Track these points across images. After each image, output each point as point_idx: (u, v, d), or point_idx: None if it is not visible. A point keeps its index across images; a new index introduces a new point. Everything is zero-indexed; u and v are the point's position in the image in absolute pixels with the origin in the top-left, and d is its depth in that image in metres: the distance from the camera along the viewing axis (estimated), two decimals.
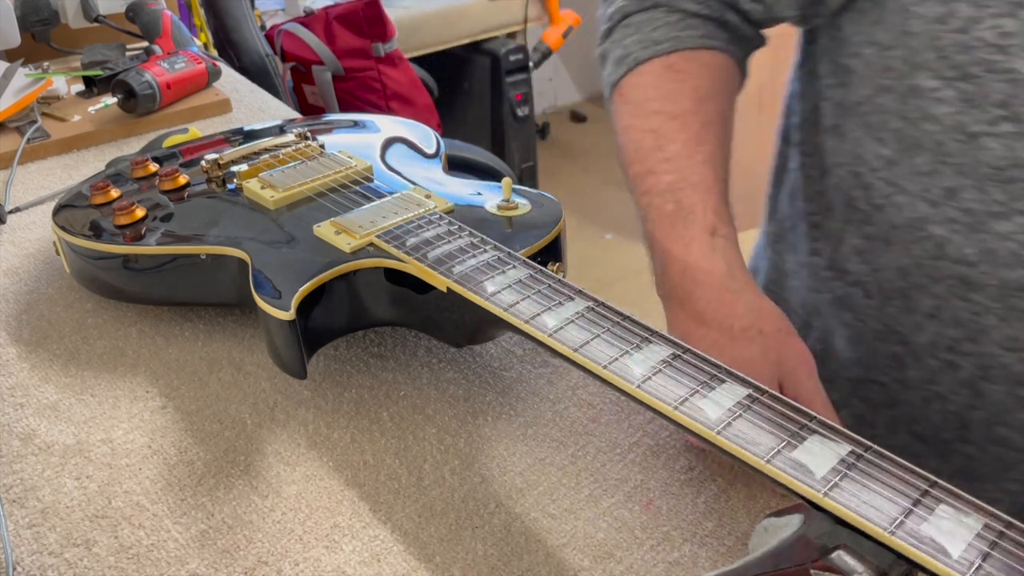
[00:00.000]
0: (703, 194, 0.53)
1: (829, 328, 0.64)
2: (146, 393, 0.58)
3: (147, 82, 0.96)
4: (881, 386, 0.62)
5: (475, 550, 0.47)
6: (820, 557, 0.33)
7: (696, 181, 0.53)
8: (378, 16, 2.13)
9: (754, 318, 0.49)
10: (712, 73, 0.58)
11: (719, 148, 0.56)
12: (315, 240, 0.57)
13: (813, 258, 0.64)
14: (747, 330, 0.49)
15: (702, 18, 0.58)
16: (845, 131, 0.57)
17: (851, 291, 0.61)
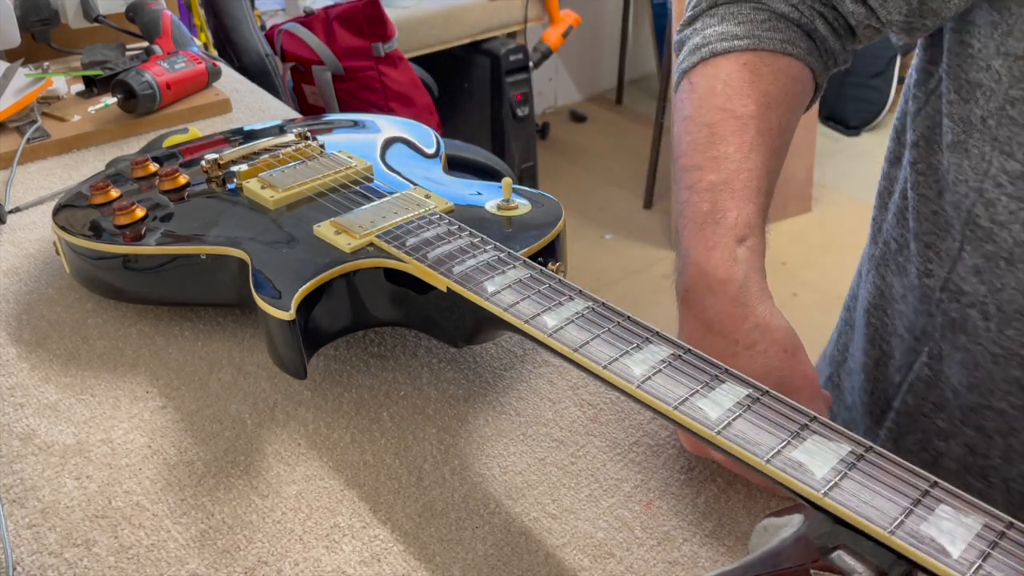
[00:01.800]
0: (741, 201, 0.52)
1: (940, 353, 0.61)
2: (146, 393, 0.58)
3: (147, 82, 0.96)
4: (998, 413, 0.58)
5: (475, 550, 0.47)
6: (820, 557, 0.33)
7: (738, 187, 0.52)
8: (378, 16, 2.13)
9: (760, 335, 0.49)
10: (785, 81, 0.56)
11: (771, 159, 0.54)
12: (315, 240, 0.57)
13: (925, 280, 0.61)
14: (751, 347, 0.48)
15: (790, 21, 0.56)
16: (969, 147, 0.54)
17: (968, 312, 0.58)
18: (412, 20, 2.38)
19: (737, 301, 0.49)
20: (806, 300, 2.27)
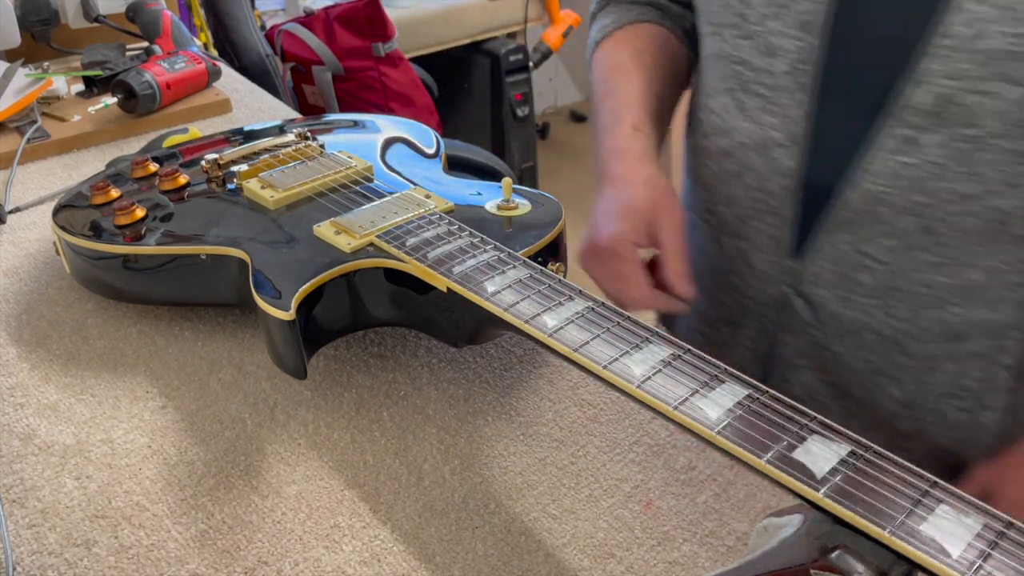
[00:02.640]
0: (630, 108, 0.71)
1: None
2: (146, 393, 0.58)
3: (147, 82, 0.96)
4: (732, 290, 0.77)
5: (475, 550, 0.47)
6: (820, 557, 0.33)
7: (628, 101, 0.71)
8: (378, 16, 2.13)
9: (648, 175, 0.66)
10: (647, 36, 0.76)
11: (652, 83, 0.73)
12: (315, 240, 0.57)
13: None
14: (637, 184, 0.66)
15: (641, 3, 0.78)
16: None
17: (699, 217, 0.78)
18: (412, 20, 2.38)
19: (636, 161, 0.67)
20: None
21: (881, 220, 0.63)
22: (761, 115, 0.65)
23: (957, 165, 0.58)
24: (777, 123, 0.65)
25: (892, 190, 0.61)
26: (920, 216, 0.61)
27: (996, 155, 0.57)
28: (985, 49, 0.55)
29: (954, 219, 0.60)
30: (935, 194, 0.60)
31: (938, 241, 0.62)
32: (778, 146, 0.65)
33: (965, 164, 0.58)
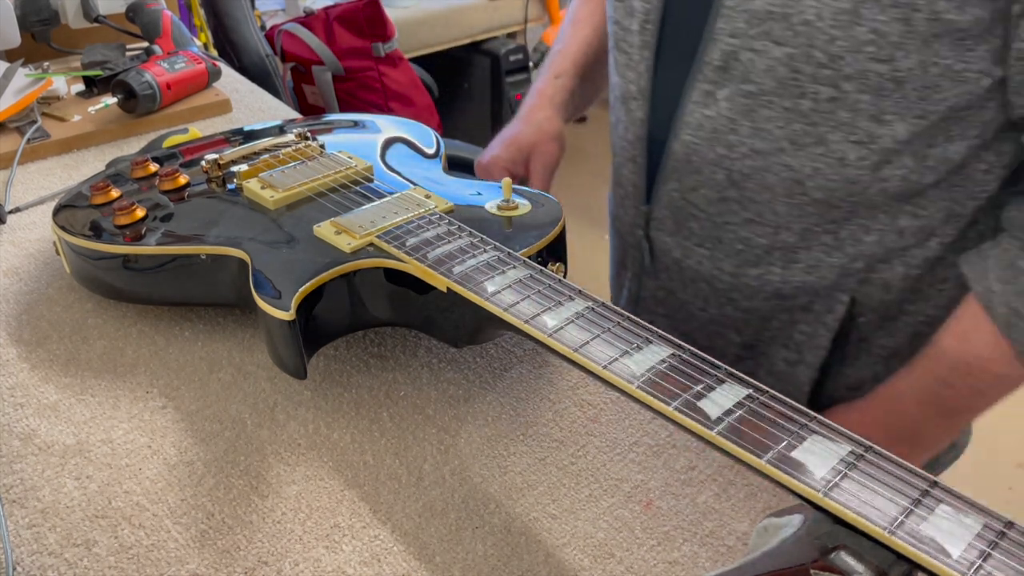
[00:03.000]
0: (564, 57, 0.85)
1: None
2: (146, 393, 0.58)
3: (147, 82, 0.96)
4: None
5: (475, 550, 0.47)
6: (820, 557, 0.33)
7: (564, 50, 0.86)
8: (378, 16, 2.13)
9: (543, 118, 0.80)
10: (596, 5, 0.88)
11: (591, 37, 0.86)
12: (315, 240, 0.57)
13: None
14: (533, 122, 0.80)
15: None
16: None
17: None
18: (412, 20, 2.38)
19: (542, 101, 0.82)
20: None
21: (698, 170, 0.69)
22: (625, 70, 0.73)
23: (744, 119, 0.64)
24: (633, 77, 0.72)
25: (700, 141, 0.67)
26: (727, 169, 0.67)
27: (775, 112, 0.62)
28: (752, 9, 0.60)
29: (755, 175, 0.66)
30: (734, 147, 0.65)
31: (745, 195, 0.67)
32: (632, 99, 0.73)
33: (750, 119, 0.63)
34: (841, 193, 0.64)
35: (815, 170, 0.63)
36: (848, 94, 0.59)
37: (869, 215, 0.66)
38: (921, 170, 0.63)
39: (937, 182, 0.64)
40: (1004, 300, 0.59)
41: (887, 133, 0.60)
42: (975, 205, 0.66)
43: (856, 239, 0.66)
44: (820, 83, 0.59)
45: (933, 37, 0.56)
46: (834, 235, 0.66)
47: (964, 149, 0.62)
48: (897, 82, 0.58)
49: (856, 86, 0.59)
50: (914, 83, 0.58)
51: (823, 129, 0.61)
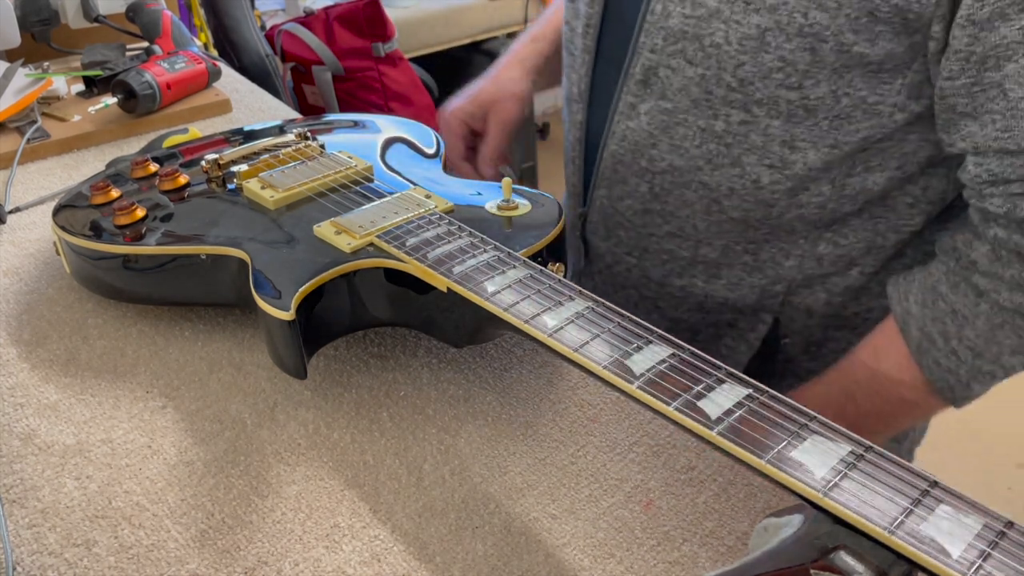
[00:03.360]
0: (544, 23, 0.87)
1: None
2: (146, 393, 0.58)
3: (147, 82, 0.96)
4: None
5: (475, 550, 0.47)
6: (820, 557, 0.33)
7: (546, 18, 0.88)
8: (378, 16, 2.13)
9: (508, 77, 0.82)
10: None
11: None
12: (315, 240, 0.57)
13: None
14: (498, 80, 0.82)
15: None
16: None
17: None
18: (412, 20, 2.38)
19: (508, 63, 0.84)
20: None
21: (624, 180, 0.69)
22: (570, 71, 0.74)
23: (663, 135, 0.64)
24: (575, 79, 0.73)
25: (625, 152, 0.68)
26: (649, 183, 0.68)
27: (691, 131, 0.62)
28: (668, 27, 0.60)
29: (675, 190, 0.66)
30: (654, 161, 0.66)
31: (667, 209, 0.68)
32: (574, 101, 0.74)
33: (668, 135, 0.64)
34: (758, 215, 0.64)
35: (731, 190, 0.64)
36: (759, 119, 0.59)
37: (788, 239, 0.66)
38: (839, 199, 0.63)
39: (857, 211, 0.64)
40: (920, 324, 0.59)
41: (800, 159, 0.60)
42: (898, 238, 0.66)
43: (776, 262, 0.67)
44: (731, 106, 0.60)
45: (844, 68, 0.56)
46: (754, 256, 0.67)
47: (884, 181, 0.62)
48: (808, 110, 0.58)
49: (767, 111, 0.59)
50: (825, 112, 0.58)
51: (737, 151, 0.62)
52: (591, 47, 0.69)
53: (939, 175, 0.63)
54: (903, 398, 0.60)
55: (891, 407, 0.61)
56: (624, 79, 0.65)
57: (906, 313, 0.60)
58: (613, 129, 0.68)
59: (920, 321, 0.59)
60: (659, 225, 0.69)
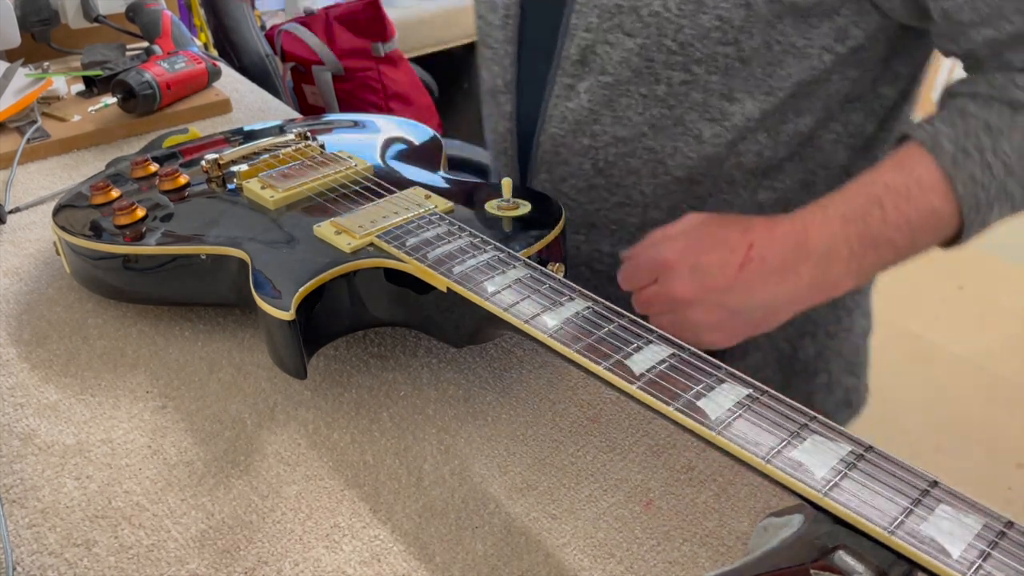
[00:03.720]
0: None
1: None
2: (146, 393, 0.58)
3: (147, 82, 0.96)
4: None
5: (475, 550, 0.47)
6: (820, 557, 0.33)
7: None
8: (378, 16, 2.13)
9: None
10: None
11: None
12: (315, 240, 0.57)
13: None
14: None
15: None
16: None
17: None
18: (412, 20, 2.38)
19: None
20: None
21: (565, 161, 0.70)
22: (491, 64, 0.74)
23: (605, 109, 0.66)
24: (499, 71, 0.73)
25: (565, 133, 0.69)
26: (592, 159, 0.69)
27: (634, 100, 0.65)
28: (602, 4, 0.62)
29: (620, 161, 0.68)
30: (598, 137, 0.68)
31: (613, 181, 0.70)
32: (500, 92, 0.74)
33: (610, 109, 0.66)
34: (701, 169, 0.67)
35: (675, 149, 0.67)
36: (699, 76, 0.63)
37: (730, 191, 0.69)
38: (775, 145, 0.66)
39: (791, 155, 0.68)
40: (952, 138, 0.58)
41: (738, 110, 0.64)
42: (827, 174, 0.70)
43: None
44: (672, 69, 0.63)
45: (776, 18, 0.59)
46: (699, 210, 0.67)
47: (812, 122, 0.66)
48: (743, 61, 0.61)
49: (706, 68, 0.62)
50: (759, 61, 0.61)
51: (679, 111, 0.65)
52: (513, 37, 0.70)
53: (856, 110, 0.67)
54: (933, 208, 0.57)
55: (920, 216, 0.57)
56: (558, 62, 0.66)
57: (936, 133, 0.58)
58: (550, 113, 0.69)
59: (952, 136, 0.57)
60: (605, 199, 0.71)
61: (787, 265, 0.56)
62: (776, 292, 0.56)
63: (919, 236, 0.58)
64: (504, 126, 0.76)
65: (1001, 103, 0.58)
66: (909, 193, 0.57)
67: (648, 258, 0.58)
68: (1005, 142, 0.57)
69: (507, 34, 0.71)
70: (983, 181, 0.56)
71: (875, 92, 0.66)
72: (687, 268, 0.56)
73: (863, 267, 0.58)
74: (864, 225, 0.57)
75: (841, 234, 0.57)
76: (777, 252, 0.56)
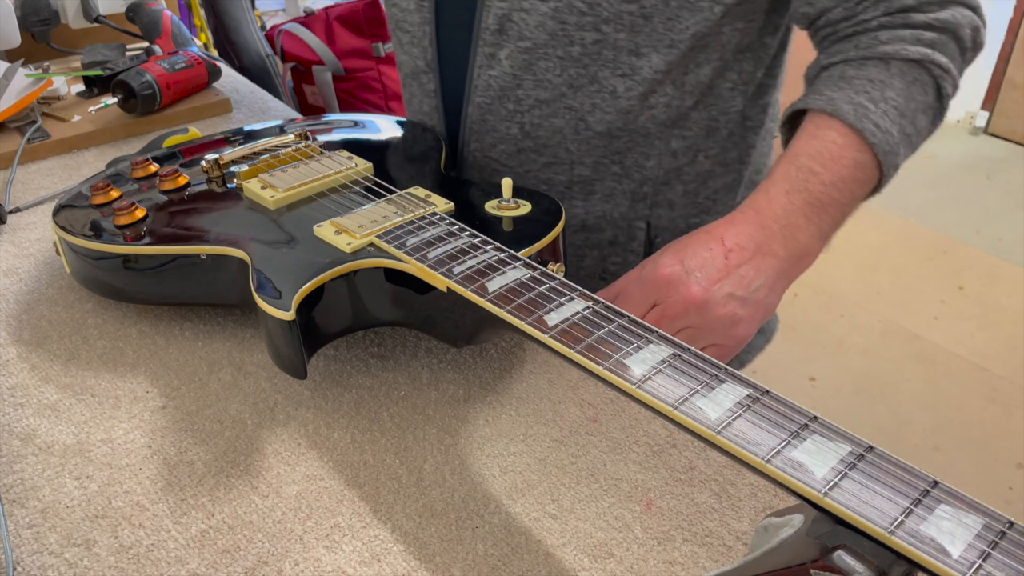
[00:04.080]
0: None
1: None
2: (146, 393, 0.58)
3: (147, 82, 0.96)
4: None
5: (475, 550, 0.47)
6: (820, 557, 0.33)
7: None
8: (378, 16, 2.13)
9: None
10: None
11: None
12: (315, 240, 0.57)
13: None
14: None
15: None
16: None
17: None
18: None
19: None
20: (806, 300, 2.27)
21: (493, 128, 0.75)
22: (410, 48, 0.78)
23: (526, 74, 0.71)
24: (419, 53, 0.77)
25: (491, 101, 0.74)
26: (519, 123, 0.74)
27: (551, 62, 0.70)
28: None
29: (544, 122, 0.74)
30: (521, 101, 0.73)
31: (540, 142, 0.75)
32: (423, 72, 0.78)
33: (531, 73, 0.71)
34: (619, 124, 0.74)
35: (594, 106, 0.73)
36: (608, 35, 0.69)
37: (646, 142, 0.76)
38: (681, 95, 0.73)
39: (695, 104, 0.75)
40: (847, 98, 0.64)
41: (646, 64, 0.70)
42: (727, 119, 0.78)
43: (640, 165, 0.77)
44: (584, 30, 0.68)
45: None
46: (620, 164, 0.77)
47: (711, 72, 0.73)
48: (645, 17, 0.68)
49: (614, 27, 0.68)
50: (659, 16, 0.68)
51: (593, 69, 0.71)
52: (429, 18, 0.75)
53: (747, 59, 0.75)
54: (857, 161, 0.63)
55: (850, 171, 0.63)
56: (477, 33, 0.72)
57: (829, 99, 0.64)
58: (475, 83, 0.74)
59: (845, 98, 0.64)
60: (534, 160, 0.77)
61: (760, 246, 0.60)
62: (764, 270, 0.60)
63: (854, 190, 0.64)
64: (430, 104, 0.79)
65: (874, 60, 0.65)
66: (832, 154, 0.63)
67: (640, 285, 0.60)
68: (890, 90, 0.64)
69: (423, 16, 0.75)
70: (885, 127, 0.63)
71: (761, 41, 0.74)
72: (684, 274, 0.58)
73: (823, 229, 0.63)
74: (808, 193, 0.62)
75: (791, 206, 0.61)
76: (745, 237, 0.60)
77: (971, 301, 2.31)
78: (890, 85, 0.64)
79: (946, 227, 2.64)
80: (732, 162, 0.81)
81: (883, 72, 0.64)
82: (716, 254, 0.59)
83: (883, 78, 0.64)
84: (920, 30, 0.65)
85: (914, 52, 0.64)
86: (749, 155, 0.82)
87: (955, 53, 0.66)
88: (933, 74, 0.65)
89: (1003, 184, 2.92)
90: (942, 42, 0.65)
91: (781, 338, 0.94)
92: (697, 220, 0.82)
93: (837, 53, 0.67)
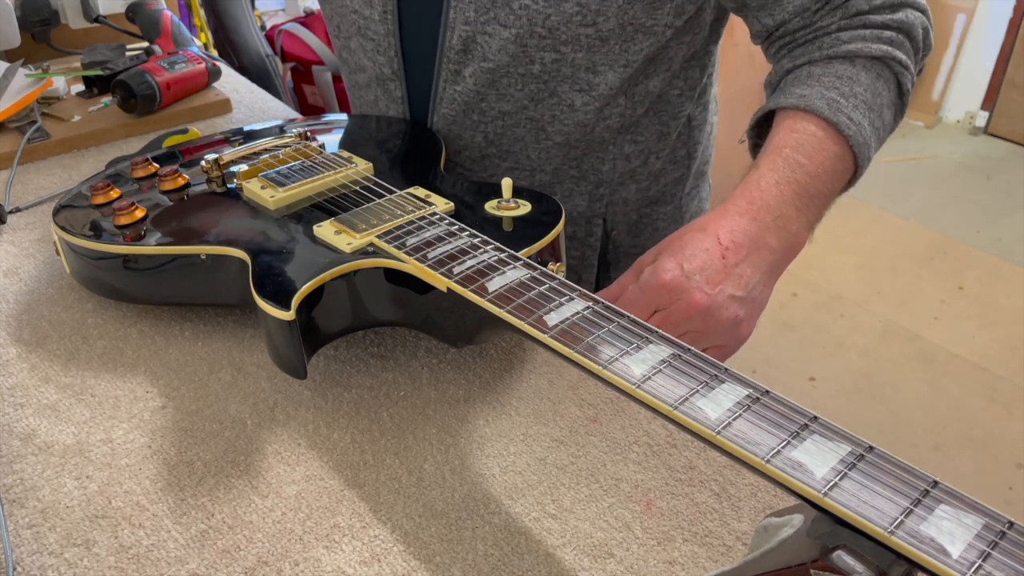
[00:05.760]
0: None
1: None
2: (146, 393, 0.58)
3: (147, 82, 0.96)
4: None
5: (475, 550, 0.47)
6: (820, 557, 0.33)
7: None
8: None
9: None
10: None
11: None
12: (315, 240, 0.57)
13: None
14: None
15: None
16: None
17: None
18: None
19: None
20: (806, 300, 2.27)
21: (459, 136, 0.79)
22: (375, 55, 0.79)
23: (489, 89, 0.75)
24: (384, 61, 0.79)
25: (456, 113, 0.77)
26: (483, 132, 0.78)
27: (513, 79, 0.74)
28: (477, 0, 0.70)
29: (507, 131, 0.78)
30: (485, 113, 0.76)
31: (503, 150, 0.79)
32: (390, 80, 0.80)
33: (494, 89, 0.74)
34: (577, 134, 0.77)
35: (553, 117, 0.76)
36: (566, 55, 0.72)
37: (601, 148, 0.80)
38: (633, 106, 0.77)
39: (646, 112, 0.79)
40: (819, 94, 0.66)
41: (602, 81, 0.73)
42: (676, 123, 0.82)
43: (596, 169, 0.81)
44: (544, 51, 0.71)
45: (627, 4, 0.69)
46: (578, 169, 0.81)
47: (660, 83, 0.77)
48: (602, 40, 0.71)
49: (572, 48, 0.71)
50: (616, 39, 0.71)
51: (553, 84, 0.74)
52: (393, 30, 0.76)
53: (693, 67, 0.79)
54: (836, 153, 0.65)
55: (831, 163, 0.65)
56: (442, 51, 0.74)
57: (801, 96, 0.66)
58: (440, 96, 0.77)
59: (817, 94, 0.66)
60: (497, 165, 0.80)
61: (755, 240, 0.61)
62: (760, 266, 0.61)
63: (835, 182, 0.66)
64: (396, 110, 0.82)
65: (839, 58, 0.68)
66: (813, 146, 0.64)
67: (640, 291, 0.59)
68: (858, 86, 0.66)
69: (388, 27, 0.76)
70: (857, 119, 0.65)
71: (706, 49, 0.79)
72: (685, 279, 0.58)
73: (810, 220, 0.65)
74: (797, 184, 0.63)
75: (782, 197, 0.63)
76: (740, 232, 0.60)
77: (971, 301, 2.31)
78: (857, 80, 0.67)
79: (946, 227, 2.64)
80: (681, 159, 0.86)
81: (849, 69, 0.67)
82: (713, 254, 0.59)
83: (850, 74, 0.67)
84: (879, 29, 0.68)
85: (876, 49, 0.67)
86: (696, 151, 0.87)
87: (911, 52, 0.69)
88: (894, 70, 0.68)
89: (1003, 184, 2.92)
90: (899, 40, 0.68)
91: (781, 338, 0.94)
92: (648, 210, 0.88)
93: (801, 56, 0.70)
